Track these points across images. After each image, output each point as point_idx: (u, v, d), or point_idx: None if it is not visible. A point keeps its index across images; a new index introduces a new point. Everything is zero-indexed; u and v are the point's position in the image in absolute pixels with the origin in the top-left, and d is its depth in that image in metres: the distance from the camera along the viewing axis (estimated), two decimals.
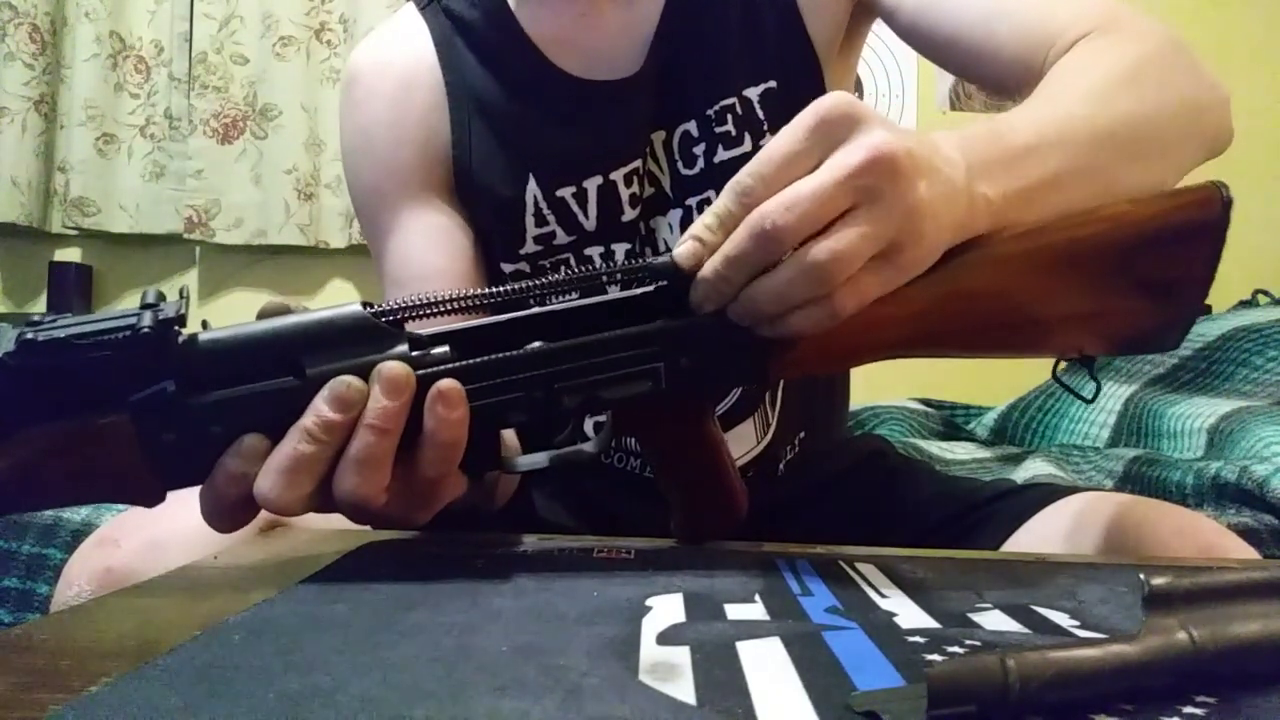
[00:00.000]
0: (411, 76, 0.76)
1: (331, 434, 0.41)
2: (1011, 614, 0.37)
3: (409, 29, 0.78)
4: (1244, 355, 1.56)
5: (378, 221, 0.76)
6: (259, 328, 0.43)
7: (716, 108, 0.71)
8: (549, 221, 0.72)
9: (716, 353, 0.46)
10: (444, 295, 0.45)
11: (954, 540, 0.67)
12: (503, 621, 0.35)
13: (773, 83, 0.71)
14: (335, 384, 0.42)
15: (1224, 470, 1.15)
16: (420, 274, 0.74)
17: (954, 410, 1.84)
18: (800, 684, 0.28)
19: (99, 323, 0.41)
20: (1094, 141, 0.50)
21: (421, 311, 0.45)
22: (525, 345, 0.46)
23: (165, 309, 0.41)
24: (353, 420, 0.42)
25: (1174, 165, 0.54)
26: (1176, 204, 0.49)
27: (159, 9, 2.14)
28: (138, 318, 0.40)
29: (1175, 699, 0.27)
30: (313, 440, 0.41)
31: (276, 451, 0.41)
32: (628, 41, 0.73)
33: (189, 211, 2.09)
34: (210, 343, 0.43)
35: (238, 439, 0.42)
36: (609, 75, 0.73)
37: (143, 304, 0.41)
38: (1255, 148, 2.13)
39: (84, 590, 0.57)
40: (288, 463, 0.41)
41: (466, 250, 0.74)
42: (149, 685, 0.28)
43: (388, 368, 0.42)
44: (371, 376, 0.42)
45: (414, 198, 0.74)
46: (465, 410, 0.43)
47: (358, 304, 0.44)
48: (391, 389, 0.42)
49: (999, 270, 0.47)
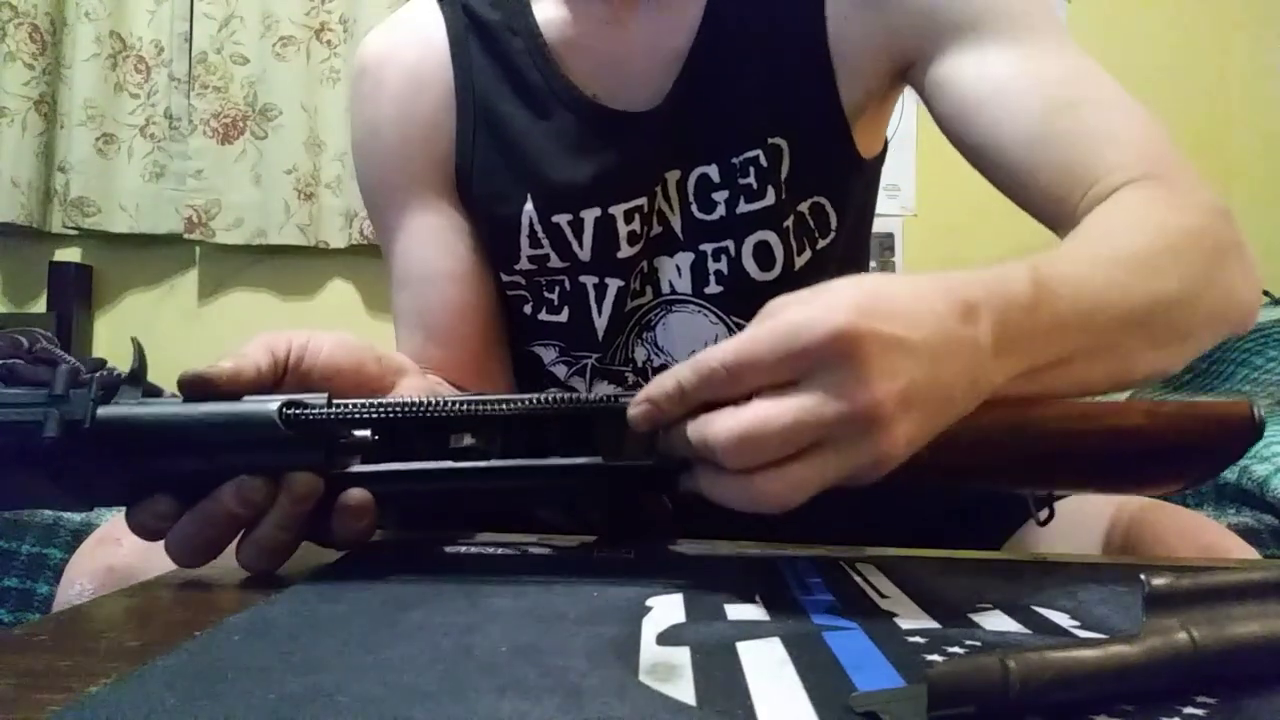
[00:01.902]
0: (420, 73, 0.74)
1: (235, 524, 0.43)
2: (1012, 614, 0.37)
3: (424, 20, 0.76)
4: (1244, 355, 1.56)
5: (384, 218, 0.76)
6: (170, 415, 0.43)
7: (741, 158, 0.68)
8: (543, 245, 0.71)
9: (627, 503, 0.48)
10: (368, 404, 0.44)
11: (954, 540, 0.67)
12: (503, 621, 0.35)
13: (798, 134, 0.69)
14: (241, 483, 0.42)
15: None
16: (425, 275, 0.73)
17: None
18: (800, 684, 0.28)
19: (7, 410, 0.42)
20: (1123, 324, 0.46)
21: (344, 415, 0.43)
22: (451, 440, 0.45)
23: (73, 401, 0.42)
24: (256, 515, 0.43)
25: (1192, 350, 0.51)
26: (1202, 429, 0.43)
27: (159, 9, 2.14)
28: (45, 417, 0.42)
29: (1176, 699, 0.27)
30: (216, 525, 0.42)
31: (183, 525, 0.43)
32: (652, 64, 0.70)
33: (189, 211, 2.09)
34: (121, 424, 0.43)
35: (151, 497, 0.43)
36: (628, 105, 0.70)
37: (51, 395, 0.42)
38: (1255, 147, 2.13)
39: (85, 589, 0.57)
40: (193, 539, 0.43)
41: (471, 251, 0.74)
42: (149, 685, 0.28)
43: (295, 479, 0.43)
44: (282, 480, 0.43)
45: (420, 196, 0.74)
46: (371, 519, 0.44)
47: (277, 402, 0.43)
48: (296, 498, 0.43)
49: (975, 449, 0.43)
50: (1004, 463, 0.44)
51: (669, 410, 0.40)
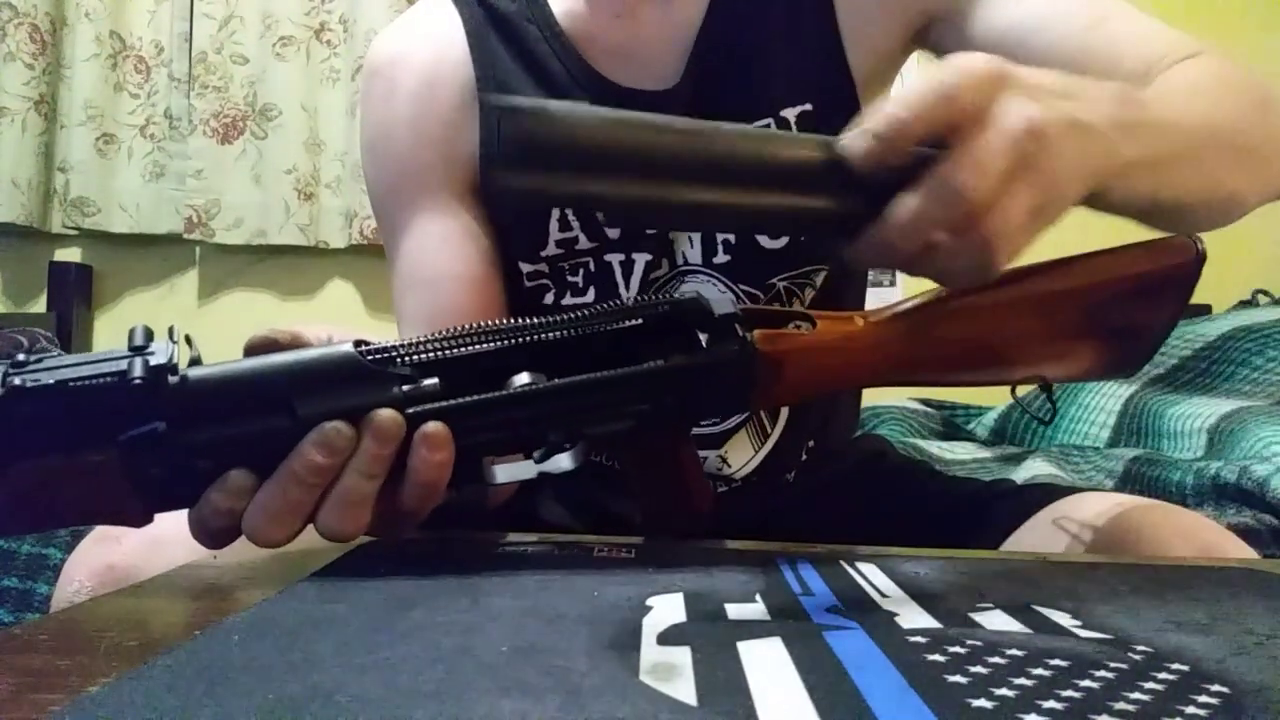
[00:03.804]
0: (436, 72, 0.74)
1: (319, 477, 0.42)
2: (1012, 613, 0.37)
3: (438, 18, 0.76)
4: (1244, 355, 1.56)
5: (394, 220, 0.75)
6: (249, 366, 0.43)
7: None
8: (573, 227, 0.72)
9: (702, 390, 0.47)
10: (436, 336, 0.45)
11: (954, 540, 0.67)
12: (503, 621, 0.35)
13: (809, 105, 0.70)
14: (324, 429, 0.42)
15: (1224, 470, 1.15)
16: (433, 277, 0.73)
17: (954, 410, 1.84)
18: (801, 684, 0.28)
19: (88, 365, 0.41)
20: (1208, 134, 0.52)
21: (413, 351, 0.45)
22: (516, 374, 0.46)
23: (156, 353, 0.41)
24: (340, 464, 0.42)
25: (1267, 180, 0.56)
26: (1152, 258, 0.51)
27: (159, 9, 2.14)
28: (129, 364, 0.40)
29: (1176, 699, 0.27)
30: (300, 484, 0.42)
31: (264, 493, 0.42)
32: (666, 49, 0.71)
33: (189, 211, 2.09)
34: (200, 381, 0.42)
35: (224, 475, 0.42)
36: (648, 85, 0.71)
37: (131, 345, 0.41)
38: None
39: (85, 587, 0.57)
40: (275, 505, 0.42)
41: (483, 254, 0.74)
42: (149, 685, 0.28)
43: (378, 416, 0.42)
44: (363, 423, 0.42)
45: (432, 198, 0.74)
46: (450, 452, 0.44)
47: (349, 344, 0.44)
48: (381, 437, 0.42)
49: (975, 317, 0.50)
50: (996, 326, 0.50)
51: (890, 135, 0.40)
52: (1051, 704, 0.27)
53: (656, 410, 0.47)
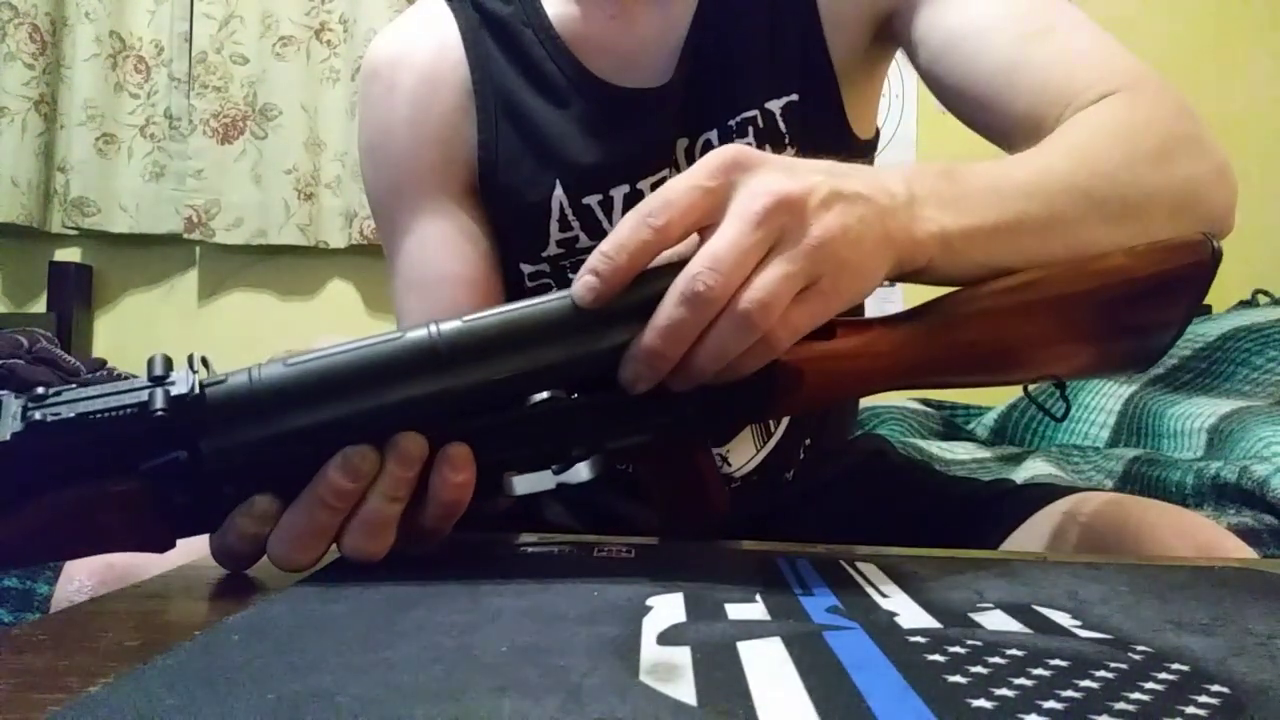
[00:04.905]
0: (435, 73, 0.74)
1: (344, 500, 0.42)
2: (1012, 613, 0.37)
3: (434, 20, 0.76)
4: (1244, 355, 1.56)
5: (393, 221, 0.75)
6: (269, 377, 0.42)
7: (738, 119, 0.70)
8: (573, 226, 0.72)
9: (723, 401, 0.47)
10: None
11: (954, 540, 0.67)
12: (503, 621, 0.35)
13: (794, 96, 0.71)
14: (348, 453, 0.42)
15: (1224, 470, 1.15)
16: (433, 278, 0.73)
17: (954, 410, 1.84)
18: (801, 684, 0.28)
19: (107, 398, 0.40)
20: (1067, 195, 0.51)
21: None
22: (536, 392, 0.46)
23: (176, 383, 0.41)
24: (364, 487, 0.42)
25: (1151, 232, 0.52)
26: (1169, 258, 0.50)
27: (159, 9, 2.14)
28: (149, 395, 0.40)
29: (1176, 699, 0.27)
30: (325, 507, 0.42)
31: (290, 518, 0.42)
32: (659, 47, 0.72)
33: (189, 211, 2.09)
34: (218, 398, 0.42)
35: (249, 500, 0.42)
36: (642, 83, 0.72)
37: (150, 376, 0.41)
38: (1255, 147, 2.13)
39: (85, 585, 0.57)
40: (300, 528, 0.42)
41: (483, 255, 0.74)
42: (149, 685, 0.28)
43: (401, 439, 0.42)
44: (386, 446, 0.42)
45: (432, 199, 0.74)
46: (471, 473, 0.43)
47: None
48: (404, 460, 0.42)
49: (989, 321, 0.49)
50: (1010, 329, 0.49)
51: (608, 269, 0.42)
52: (1051, 704, 0.27)
53: (677, 423, 0.47)
